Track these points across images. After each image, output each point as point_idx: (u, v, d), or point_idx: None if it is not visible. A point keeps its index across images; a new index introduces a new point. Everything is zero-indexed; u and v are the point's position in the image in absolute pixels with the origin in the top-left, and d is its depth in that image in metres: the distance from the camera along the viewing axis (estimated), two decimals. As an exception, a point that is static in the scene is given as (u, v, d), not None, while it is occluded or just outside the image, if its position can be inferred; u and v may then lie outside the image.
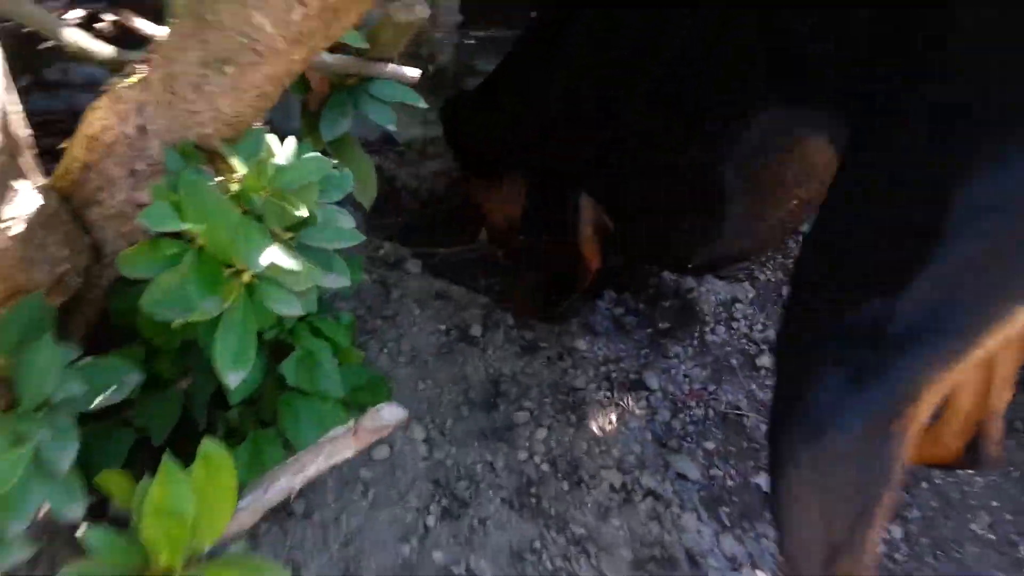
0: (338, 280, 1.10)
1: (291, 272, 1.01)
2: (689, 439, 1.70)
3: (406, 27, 1.34)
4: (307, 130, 1.49)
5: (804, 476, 1.05)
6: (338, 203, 2.19)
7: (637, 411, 1.73)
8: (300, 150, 1.17)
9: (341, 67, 1.41)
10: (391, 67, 1.44)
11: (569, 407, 1.73)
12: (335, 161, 1.07)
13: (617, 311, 2.08)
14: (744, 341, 1.88)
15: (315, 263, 1.07)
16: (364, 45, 1.35)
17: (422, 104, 1.54)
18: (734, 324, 1.91)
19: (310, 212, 1.06)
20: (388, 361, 1.73)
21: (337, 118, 1.45)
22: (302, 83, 1.46)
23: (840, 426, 1.01)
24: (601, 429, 1.68)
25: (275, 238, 1.06)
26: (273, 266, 1.01)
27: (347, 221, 1.16)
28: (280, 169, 1.05)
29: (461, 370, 1.76)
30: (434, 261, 2.26)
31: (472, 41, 2.62)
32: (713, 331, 1.90)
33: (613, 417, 1.71)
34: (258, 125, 1.10)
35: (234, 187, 1.03)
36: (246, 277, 1.04)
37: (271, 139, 1.09)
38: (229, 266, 1.04)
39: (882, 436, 1.00)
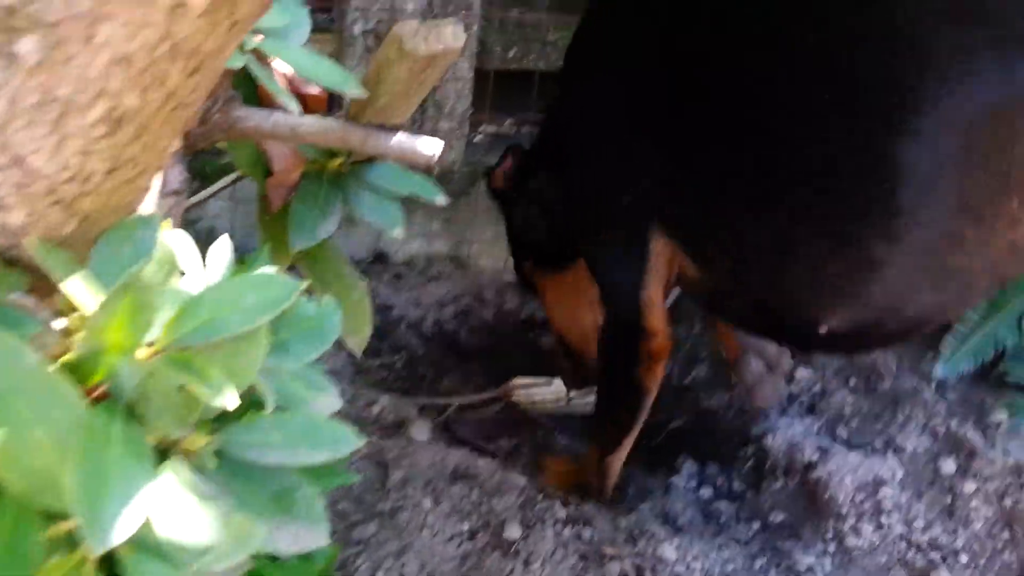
0: (309, 536, 0.53)
1: (192, 547, 0.44)
2: None
3: (430, 64, 0.82)
4: (267, 239, 0.95)
5: None
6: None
7: (771, 668, 1.12)
8: (250, 265, 0.63)
9: (321, 137, 0.88)
10: (400, 139, 0.91)
11: (666, 662, 1.11)
12: (301, 284, 0.51)
13: (703, 493, 1.49)
14: (904, 546, 1.29)
15: (257, 496, 0.51)
16: (360, 93, 0.83)
17: (442, 200, 1.02)
18: (883, 519, 1.32)
19: (249, 392, 0.50)
20: (386, 591, 1.12)
21: (313, 218, 0.91)
22: (260, 164, 0.93)
23: None
24: None
25: (167, 450, 0.49)
26: (149, 535, 0.44)
27: (327, 396, 0.60)
28: (188, 304, 0.49)
29: (496, 600, 1.16)
30: (447, 418, 1.68)
31: (481, 136, 2.14)
32: (856, 530, 1.31)
33: None
34: (152, 212, 0.55)
35: (76, 346, 0.47)
36: (94, 552, 0.47)
37: (179, 238, 0.54)
38: (53, 519, 0.47)
39: None
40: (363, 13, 1.67)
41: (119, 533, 0.41)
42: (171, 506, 0.44)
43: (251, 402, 0.55)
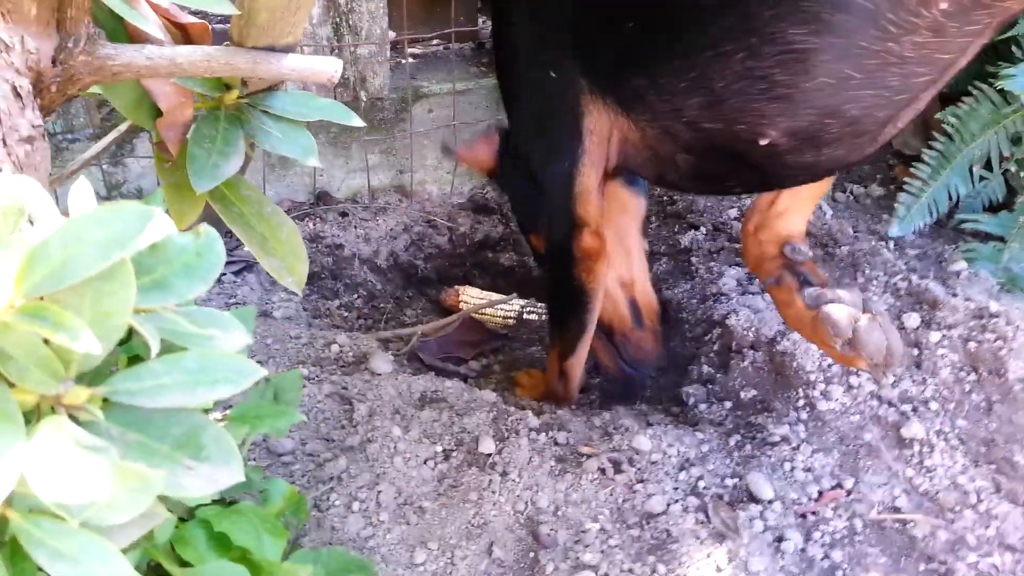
0: (221, 475, 0.50)
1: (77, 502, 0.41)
2: (839, 573, 1.10)
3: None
4: (169, 188, 0.90)
5: None
6: (265, 285, 1.56)
7: (752, 540, 1.13)
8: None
9: (204, 67, 0.82)
10: (291, 60, 0.85)
11: (650, 549, 1.12)
12: (155, 211, 0.47)
13: (674, 380, 1.49)
14: (875, 404, 1.30)
15: (158, 443, 0.48)
16: (231, 9, 0.77)
17: (356, 121, 0.96)
18: (852, 380, 1.33)
19: (119, 334, 0.47)
20: (363, 523, 1.11)
21: (214, 157, 0.86)
22: (145, 106, 0.87)
23: None
24: (709, 580, 1.08)
25: (44, 408, 0.46)
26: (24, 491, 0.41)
27: (233, 333, 0.57)
28: (35, 251, 0.45)
29: (477, 514, 1.16)
30: (410, 347, 1.66)
31: (410, 60, 2.06)
32: (826, 394, 1.31)
33: (722, 557, 1.11)
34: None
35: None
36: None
37: (28, 185, 0.50)
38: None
39: None
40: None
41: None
42: (50, 463, 0.41)
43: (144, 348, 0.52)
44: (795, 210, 1.27)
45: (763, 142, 1.05)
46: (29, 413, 0.45)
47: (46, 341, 0.45)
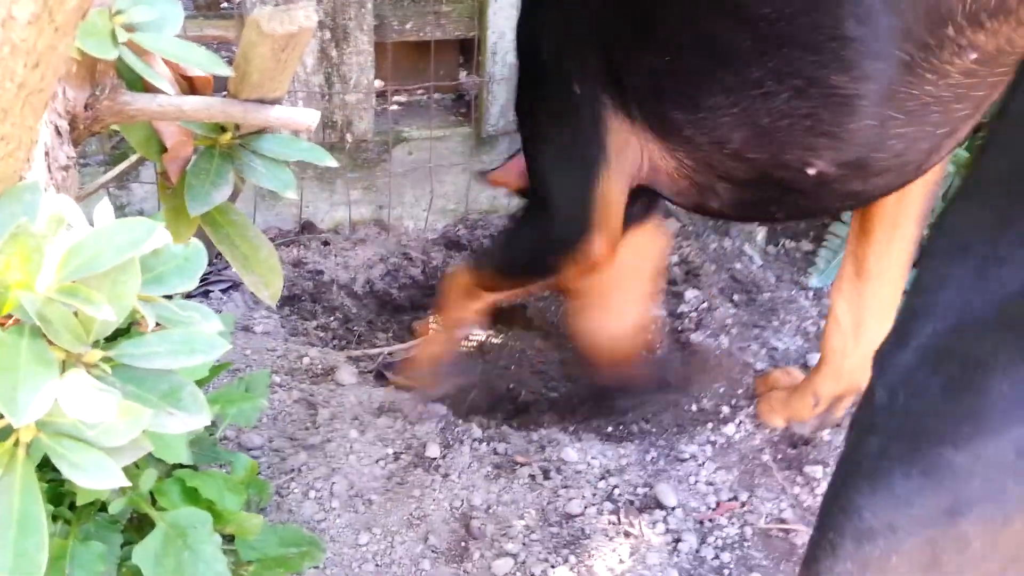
0: (193, 421, 0.68)
1: (92, 423, 0.59)
2: (726, 571, 1.27)
3: (289, 43, 0.96)
4: (169, 210, 1.09)
5: None
6: (249, 303, 1.73)
7: (654, 539, 1.30)
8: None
9: (205, 114, 1.01)
10: (277, 111, 1.04)
11: (565, 543, 1.29)
12: (158, 224, 0.66)
13: (610, 404, 1.67)
14: (773, 432, 1.48)
15: (149, 394, 0.65)
16: (227, 72, 0.96)
17: (331, 162, 1.15)
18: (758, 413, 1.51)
19: (127, 312, 0.65)
20: (316, 508, 1.28)
21: (207, 186, 1.05)
22: (153, 142, 1.06)
23: None
24: (611, 571, 1.25)
25: (70, 362, 0.64)
26: (58, 411, 0.58)
27: (211, 322, 0.75)
28: (73, 247, 0.64)
29: (418, 507, 1.32)
30: (377, 366, 1.84)
31: (395, 107, 2.27)
32: (732, 421, 1.49)
33: (624, 552, 1.27)
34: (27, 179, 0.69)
35: (-13, 283, 0.61)
36: (25, 434, 0.62)
37: (66, 203, 0.68)
38: (-12, 418, 0.61)
39: None
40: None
41: (32, 413, 0.55)
42: (74, 394, 0.59)
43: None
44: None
45: (811, 172, 1.08)
46: (59, 365, 0.63)
47: (76, 314, 0.63)
